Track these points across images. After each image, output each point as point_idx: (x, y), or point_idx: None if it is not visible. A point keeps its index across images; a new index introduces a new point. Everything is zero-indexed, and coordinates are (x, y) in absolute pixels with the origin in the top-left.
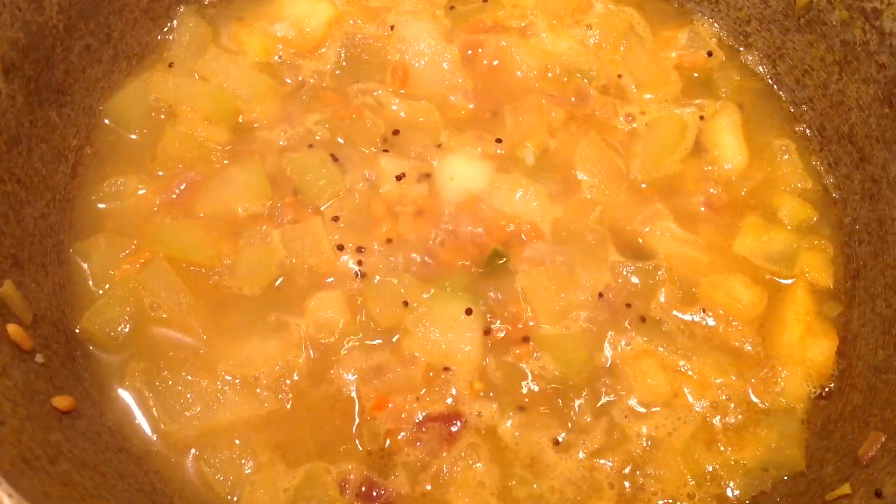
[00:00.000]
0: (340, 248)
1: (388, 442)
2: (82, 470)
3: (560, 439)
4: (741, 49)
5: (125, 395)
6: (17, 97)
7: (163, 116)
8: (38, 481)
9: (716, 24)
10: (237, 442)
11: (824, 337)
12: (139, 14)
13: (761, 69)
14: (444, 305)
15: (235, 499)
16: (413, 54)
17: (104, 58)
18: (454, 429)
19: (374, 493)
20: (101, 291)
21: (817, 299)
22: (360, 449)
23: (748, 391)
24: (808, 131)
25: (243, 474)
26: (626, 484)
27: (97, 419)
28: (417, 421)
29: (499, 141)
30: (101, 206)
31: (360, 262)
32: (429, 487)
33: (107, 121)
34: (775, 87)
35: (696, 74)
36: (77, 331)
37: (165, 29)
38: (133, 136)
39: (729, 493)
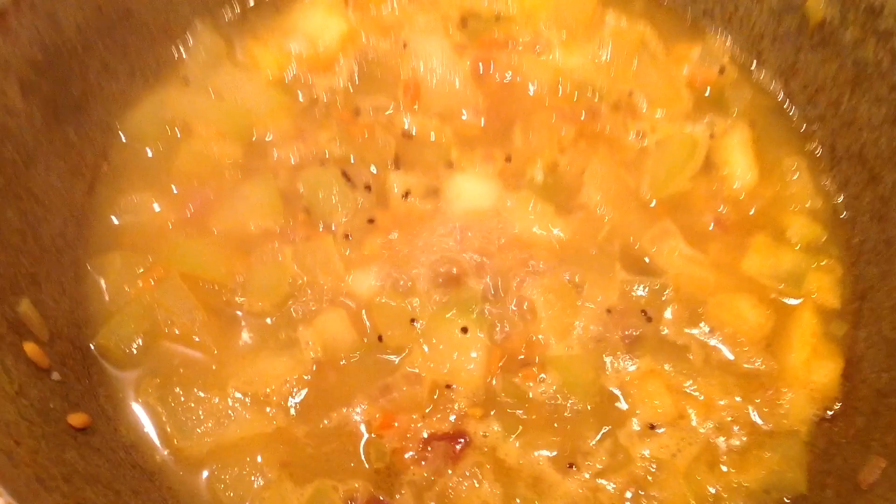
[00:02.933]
0: (350, 265)
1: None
2: (96, 487)
3: (564, 460)
4: (754, 65)
5: (139, 410)
6: (35, 115)
7: (178, 133)
8: (52, 501)
9: (729, 40)
10: (248, 459)
11: (830, 359)
12: (155, 30)
13: (773, 86)
14: (449, 323)
15: None
16: (425, 71)
17: (121, 74)
18: (458, 447)
19: None
20: (116, 308)
21: (824, 320)
22: (367, 467)
23: (752, 413)
24: (818, 150)
25: (252, 491)
26: None
27: (111, 435)
28: (423, 439)
29: (508, 159)
30: (117, 222)
31: (369, 280)
32: None
33: (123, 137)
34: (787, 104)
35: (707, 91)
36: (92, 347)
37: (181, 45)
38: (149, 153)
39: None
